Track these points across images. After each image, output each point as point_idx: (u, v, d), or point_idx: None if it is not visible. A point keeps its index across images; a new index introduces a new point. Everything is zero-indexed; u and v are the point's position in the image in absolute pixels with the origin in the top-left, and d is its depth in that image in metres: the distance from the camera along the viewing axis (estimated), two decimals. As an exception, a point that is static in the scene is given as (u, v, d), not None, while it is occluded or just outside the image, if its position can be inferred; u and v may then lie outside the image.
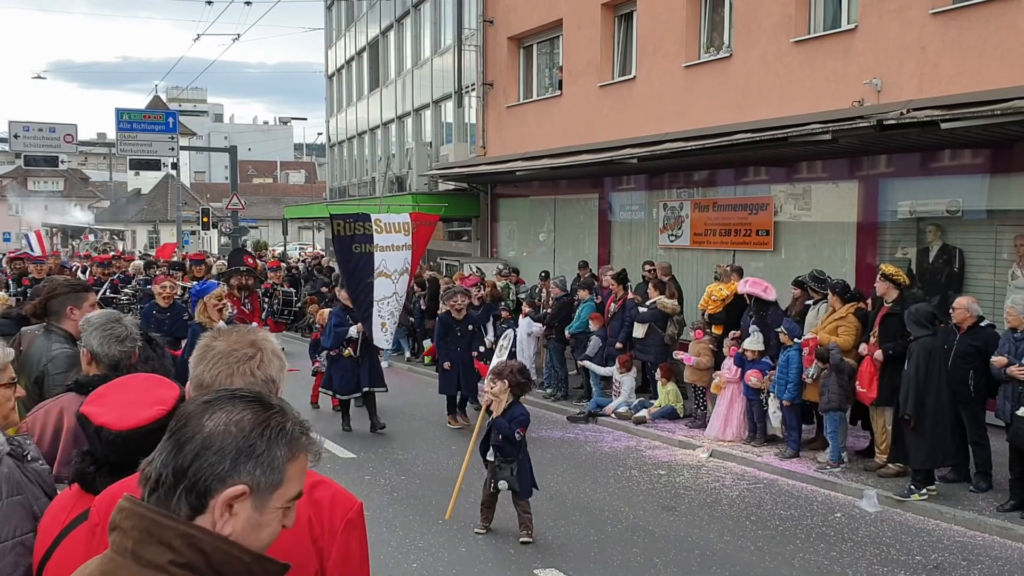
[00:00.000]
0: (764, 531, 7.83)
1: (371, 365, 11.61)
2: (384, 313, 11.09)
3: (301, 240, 61.21)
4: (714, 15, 15.77)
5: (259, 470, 1.60)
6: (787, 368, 9.74)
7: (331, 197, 39.31)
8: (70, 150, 37.22)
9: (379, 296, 11.00)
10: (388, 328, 11.30)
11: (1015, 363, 7.66)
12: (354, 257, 10.91)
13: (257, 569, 1.58)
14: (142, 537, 1.54)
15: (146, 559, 1.53)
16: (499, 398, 7.25)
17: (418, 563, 6.97)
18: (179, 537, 1.53)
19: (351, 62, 36.57)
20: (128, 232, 65.63)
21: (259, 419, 1.63)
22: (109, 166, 67.60)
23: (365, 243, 10.88)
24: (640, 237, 17.52)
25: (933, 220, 11.84)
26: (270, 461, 1.61)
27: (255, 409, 1.64)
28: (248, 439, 1.60)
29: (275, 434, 1.63)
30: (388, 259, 11.04)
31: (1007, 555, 7.24)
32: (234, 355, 2.28)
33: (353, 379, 11.46)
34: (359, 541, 2.19)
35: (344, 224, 10.95)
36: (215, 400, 1.65)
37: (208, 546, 1.53)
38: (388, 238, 11.07)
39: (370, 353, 11.60)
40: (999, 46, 10.56)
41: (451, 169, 22.16)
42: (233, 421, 1.60)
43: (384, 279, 11.00)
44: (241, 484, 1.58)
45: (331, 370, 11.59)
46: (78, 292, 5.17)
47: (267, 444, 1.61)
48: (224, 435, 1.59)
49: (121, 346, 3.63)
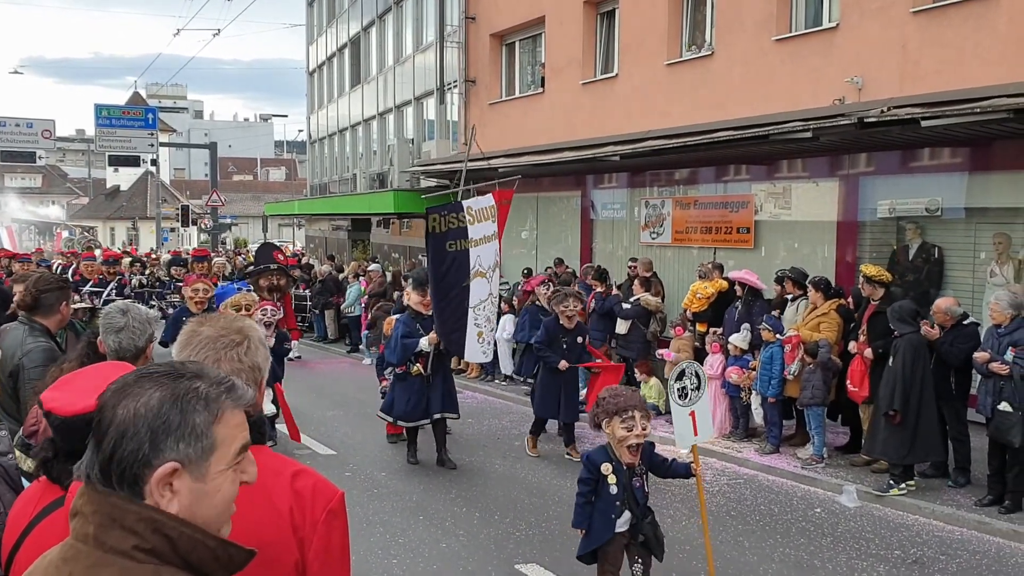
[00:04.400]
0: (744, 526, 7.86)
1: (444, 385, 9.56)
2: (481, 320, 9.35)
3: (281, 237, 60.98)
4: (696, 13, 15.80)
5: (182, 443, 1.54)
6: (770, 364, 9.78)
7: (312, 194, 39.16)
8: (48, 146, 36.94)
9: (475, 302, 9.24)
10: (486, 338, 9.55)
11: (997, 359, 7.72)
12: (448, 258, 9.11)
13: (223, 555, 1.55)
14: (104, 522, 1.50)
15: (109, 545, 1.49)
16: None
17: (398, 559, 6.94)
18: (142, 522, 1.49)
19: (332, 58, 36.42)
20: (107, 229, 65.08)
21: (167, 393, 1.56)
22: (88, 162, 67.05)
23: (460, 239, 9.15)
24: (622, 235, 17.54)
25: (913, 219, 11.91)
26: (191, 430, 1.55)
27: (163, 383, 1.58)
28: (160, 416, 1.54)
29: (188, 403, 1.56)
30: (483, 254, 9.32)
31: (984, 549, 7.30)
32: (221, 341, 2.26)
33: (422, 402, 9.34)
34: (341, 531, 2.17)
35: (440, 219, 9.07)
36: (124, 386, 1.58)
37: (174, 532, 1.50)
38: (479, 229, 9.28)
39: (443, 370, 9.61)
40: (979, 44, 10.64)
41: (433, 165, 22.11)
42: (142, 403, 1.54)
43: (480, 279, 9.29)
44: (168, 462, 1.53)
45: (394, 391, 9.58)
46: (67, 288, 5.38)
47: (182, 415, 1.55)
48: (135, 419, 1.53)
49: (117, 336, 3.57)
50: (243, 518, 2.03)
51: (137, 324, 3.60)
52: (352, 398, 13.45)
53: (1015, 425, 7.58)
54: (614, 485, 5.07)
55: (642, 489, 5.20)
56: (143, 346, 3.58)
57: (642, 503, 5.20)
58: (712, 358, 10.76)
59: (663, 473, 5.47)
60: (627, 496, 5.11)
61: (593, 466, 5.11)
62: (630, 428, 4.99)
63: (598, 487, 5.11)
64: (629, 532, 5.16)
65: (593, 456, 5.19)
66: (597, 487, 5.11)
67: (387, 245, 29.64)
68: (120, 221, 66.15)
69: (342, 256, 29.12)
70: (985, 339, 8.16)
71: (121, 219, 65.97)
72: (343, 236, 34.36)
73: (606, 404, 5.08)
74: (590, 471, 5.12)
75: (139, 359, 3.53)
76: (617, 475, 5.07)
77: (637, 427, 5.01)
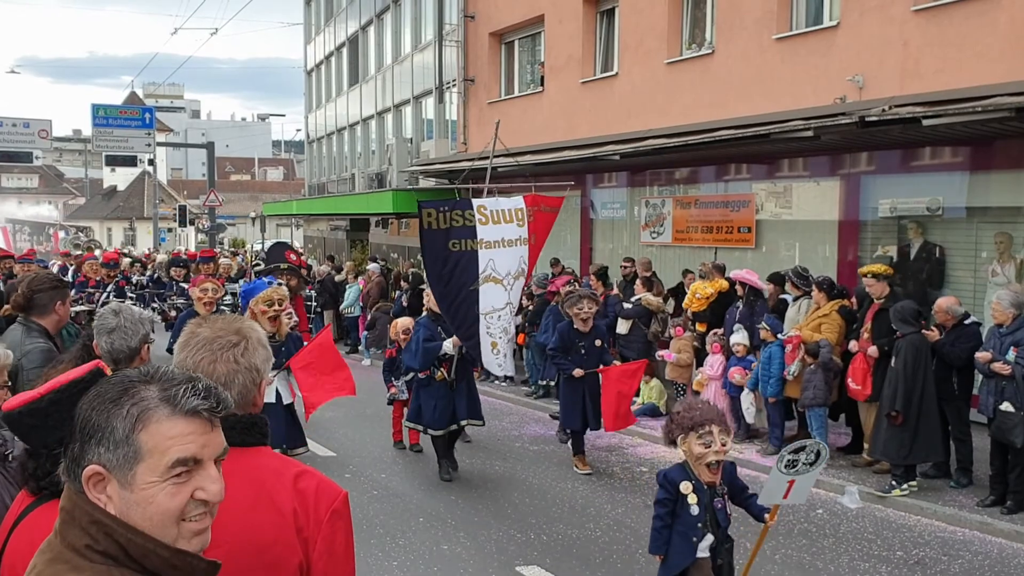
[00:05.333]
0: (746, 527, 7.79)
1: (469, 391, 9.09)
2: (495, 330, 8.75)
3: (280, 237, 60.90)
4: (696, 11, 15.77)
5: (102, 447, 1.52)
6: (769, 364, 9.74)
7: (310, 194, 39.13)
8: (44, 146, 36.85)
9: (487, 308, 8.65)
10: (501, 349, 8.90)
11: (999, 359, 7.69)
12: (451, 258, 8.53)
13: (181, 564, 1.52)
14: (66, 519, 1.53)
15: (68, 541, 1.51)
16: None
17: (398, 561, 6.89)
18: (93, 524, 1.50)
19: (331, 57, 36.39)
20: (104, 229, 64.99)
21: (97, 394, 1.55)
22: (85, 162, 66.97)
23: (466, 238, 8.55)
24: (622, 234, 17.51)
25: (914, 218, 11.89)
26: (110, 436, 1.52)
27: (100, 385, 1.58)
28: (88, 418, 1.54)
29: (111, 407, 1.53)
30: (497, 258, 8.66)
31: (987, 550, 7.27)
32: (218, 342, 2.25)
33: (448, 408, 8.87)
34: (344, 531, 2.16)
35: (437, 214, 8.51)
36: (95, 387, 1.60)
37: (121, 537, 1.49)
38: (496, 230, 8.66)
39: (467, 375, 9.12)
40: (980, 43, 10.61)
41: (432, 165, 22.07)
42: (83, 402, 1.56)
43: (493, 285, 8.67)
44: (91, 465, 1.52)
45: (419, 398, 9.07)
46: (62, 288, 5.29)
47: (105, 419, 1.52)
48: (76, 418, 1.55)
49: (109, 337, 3.53)
50: (246, 519, 2.01)
51: (129, 325, 3.55)
52: (352, 399, 13.36)
53: (1017, 425, 7.55)
54: (695, 505, 4.65)
55: (724, 511, 4.76)
56: (136, 347, 3.52)
57: (724, 526, 4.77)
58: (712, 358, 10.72)
59: (740, 501, 4.95)
60: (709, 517, 4.68)
61: (671, 485, 4.69)
62: (708, 444, 4.57)
63: (676, 508, 4.69)
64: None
65: (671, 474, 4.75)
66: (675, 508, 4.70)
67: (386, 245, 29.60)
68: (117, 221, 66.11)
69: (341, 256, 29.08)
70: (987, 339, 8.12)
71: (118, 219, 65.94)
72: (341, 236, 34.32)
73: (680, 418, 4.68)
74: (668, 491, 4.70)
75: (133, 360, 3.48)
76: (698, 494, 4.65)
77: (716, 443, 4.56)
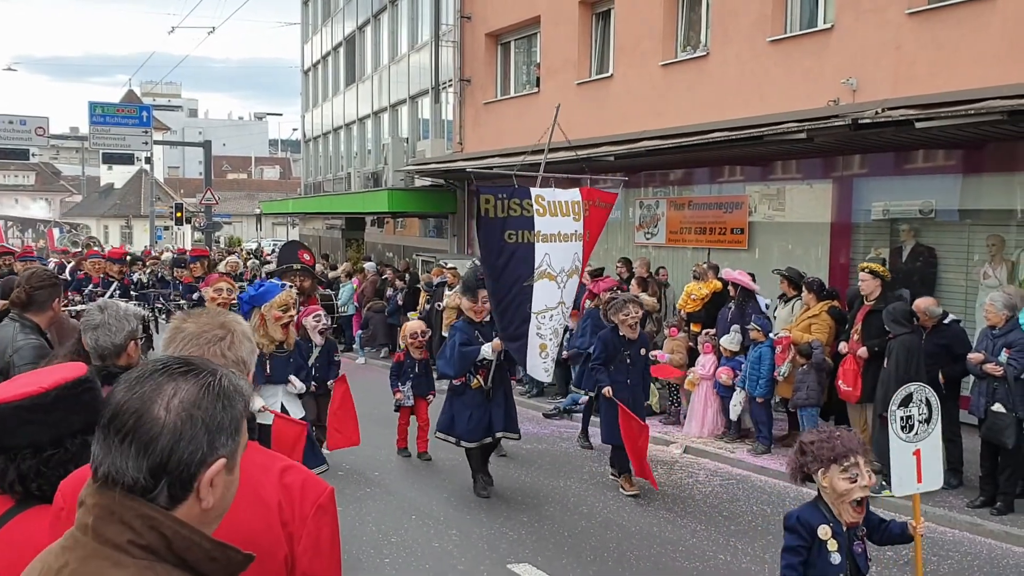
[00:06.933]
0: (736, 526, 7.85)
1: (506, 401, 8.48)
2: (545, 331, 8.03)
3: (275, 236, 60.91)
4: (691, 14, 15.81)
5: (227, 437, 1.59)
6: (759, 364, 9.79)
7: (306, 193, 39.11)
8: (41, 143, 36.79)
9: (539, 307, 7.93)
10: (550, 352, 8.18)
11: (992, 360, 7.73)
12: (507, 249, 7.79)
13: (220, 556, 1.55)
14: (103, 514, 1.51)
15: (105, 537, 1.50)
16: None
17: (391, 558, 6.92)
18: (139, 518, 1.49)
19: (327, 57, 36.39)
20: (100, 227, 64.91)
21: (207, 391, 1.58)
22: (82, 160, 66.86)
23: (523, 229, 7.81)
24: (616, 235, 17.53)
25: (906, 220, 11.93)
26: (235, 424, 1.60)
27: (191, 380, 1.58)
28: (212, 415, 1.56)
29: (227, 399, 1.60)
30: (553, 253, 7.99)
31: (976, 550, 7.31)
32: (204, 336, 2.27)
33: (484, 419, 8.28)
34: (330, 526, 2.17)
35: (495, 201, 7.76)
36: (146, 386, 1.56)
37: (168, 531, 1.50)
38: (553, 223, 7.99)
39: (505, 384, 8.53)
40: (973, 46, 10.66)
41: (428, 165, 22.08)
42: (188, 402, 1.55)
43: (547, 282, 7.97)
44: (220, 458, 1.57)
45: (451, 407, 8.44)
46: (59, 285, 5.37)
47: (226, 411, 1.59)
48: (190, 421, 1.54)
49: (94, 333, 3.52)
50: (231, 512, 2.02)
51: (114, 321, 3.54)
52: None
53: (1008, 426, 7.59)
54: (835, 553, 3.88)
55: (865, 555, 4.03)
56: (121, 343, 3.50)
57: (864, 574, 4.05)
58: (704, 358, 10.77)
59: (878, 537, 4.27)
60: (850, 566, 3.95)
61: (807, 530, 3.89)
62: (854, 478, 3.82)
63: (811, 556, 3.90)
64: None
65: (805, 517, 3.94)
66: (810, 556, 3.90)
67: (381, 244, 29.62)
68: (114, 219, 66.04)
69: (336, 255, 29.09)
70: (979, 340, 8.16)
71: (115, 217, 65.86)
72: (337, 235, 34.33)
73: (819, 449, 3.91)
74: (802, 536, 3.90)
75: (120, 356, 3.47)
76: (838, 539, 3.88)
77: (863, 476, 3.82)
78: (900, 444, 4.40)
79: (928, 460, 4.49)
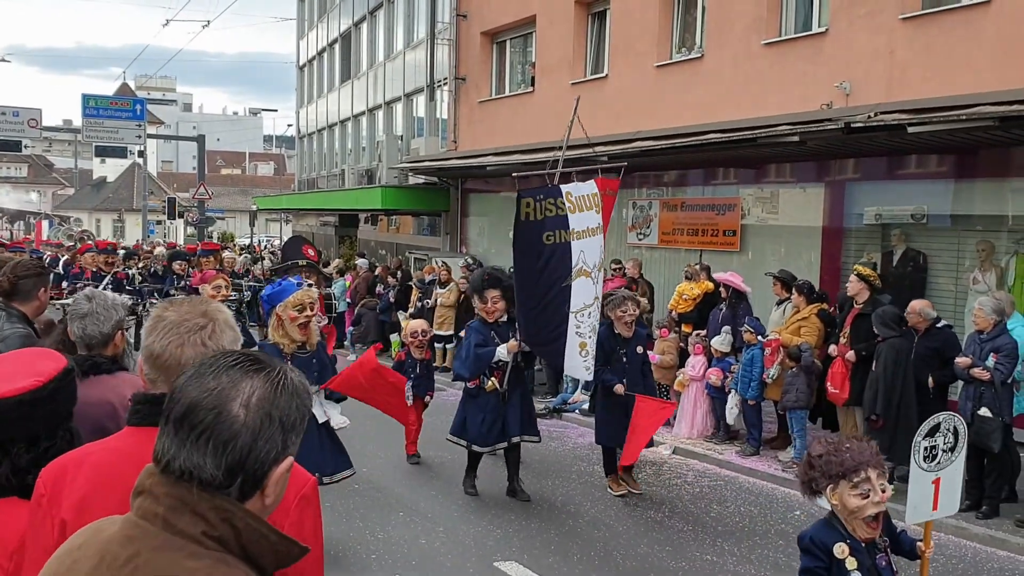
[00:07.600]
0: (724, 527, 7.87)
1: (523, 403, 8.26)
2: (585, 329, 7.78)
3: (269, 232, 60.79)
4: (687, 15, 15.83)
5: (296, 435, 1.61)
6: (751, 366, 9.81)
7: (299, 189, 39.05)
8: (34, 135, 36.65)
9: (577, 305, 7.72)
10: (589, 350, 7.88)
11: (979, 365, 7.76)
12: (546, 252, 7.62)
13: (283, 549, 1.57)
14: (175, 505, 1.51)
15: (178, 528, 1.50)
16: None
17: (376, 554, 6.91)
18: (214, 509, 1.51)
19: (323, 53, 36.33)
20: (92, 220, 64.72)
21: (282, 389, 1.59)
22: (74, 153, 66.64)
23: (560, 229, 7.63)
24: (609, 235, 17.50)
25: (898, 225, 11.96)
26: (303, 422, 1.63)
27: (263, 377, 1.59)
28: (287, 413, 1.58)
29: (298, 397, 1.62)
30: (587, 249, 7.79)
31: (961, 554, 7.34)
32: (185, 325, 2.24)
33: (498, 423, 8.06)
34: (313, 517, 2.16)
35: (536, 204, 7.58)
36: (220, 381, 1.56)
37: (240, 522, 1.52)
38: (583, 219, 7.77)
39: (522, 386, 8.35)
40: (966, 52, 10.69)
41: (422, 163, 22.07)
42: (265, 400, 1.56)
43: (584, 279, 7.76)
44: (289, 456, 1.59)
45: (464, 410, 8.28)
46: (45, 275, 5.32)
47: (298, 409, 1.61)
48: (268, 420, 1.55)
49: (82, 322, 3.50)
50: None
51: (101, 311, 3.52)
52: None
53: (995, 431, 7.63)
54: (855, 571, 3.65)
55: (890, 568, 3.78)
56: (109, 332, 3.49)
57: None
58: (694, 359, 10.78)
59: (901, 548, 4.10)
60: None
61: (822, 550, 3.67)
62: (866, 494, 3.57)
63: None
64: None
65: (819, 536, 3.71)
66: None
67: (374, 241, 29.60)
68: (106, 212, 65.86)
69: (329, 252, 29.06)
70: (967, 345, 8.19)
71: (107, 211, 65.69)
72: (331, 232, 34.28)
73: (826, 463, 3.67)
74: (819, 557, 3.68)
75: (107, 346, 3.46)
76: (857, 556, 3.65)
77: (876, 491, 3.57)
78: (920, 473, 4.29)
79: (947, 487, 4.40)
